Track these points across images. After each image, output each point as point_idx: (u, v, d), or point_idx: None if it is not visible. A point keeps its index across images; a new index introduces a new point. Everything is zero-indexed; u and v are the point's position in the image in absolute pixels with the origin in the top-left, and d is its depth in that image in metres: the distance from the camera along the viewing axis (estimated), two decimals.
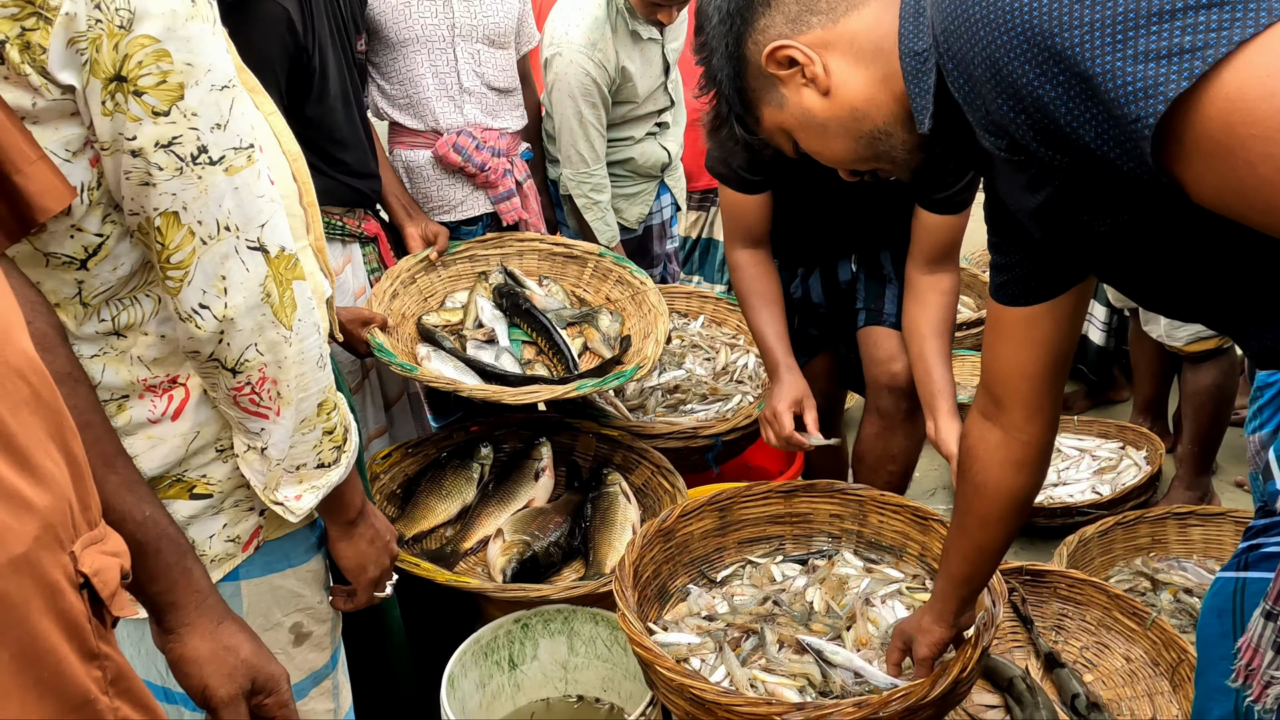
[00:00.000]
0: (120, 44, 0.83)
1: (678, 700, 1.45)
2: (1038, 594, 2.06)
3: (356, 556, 1.13)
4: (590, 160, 2.62)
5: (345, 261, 2.17)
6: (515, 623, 1.84)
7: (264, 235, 0.93)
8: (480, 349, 2.18)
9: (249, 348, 0.94)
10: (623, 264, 2.41)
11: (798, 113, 1.03)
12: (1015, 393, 1.14)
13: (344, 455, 1.05)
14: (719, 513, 1.90)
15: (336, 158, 2.00)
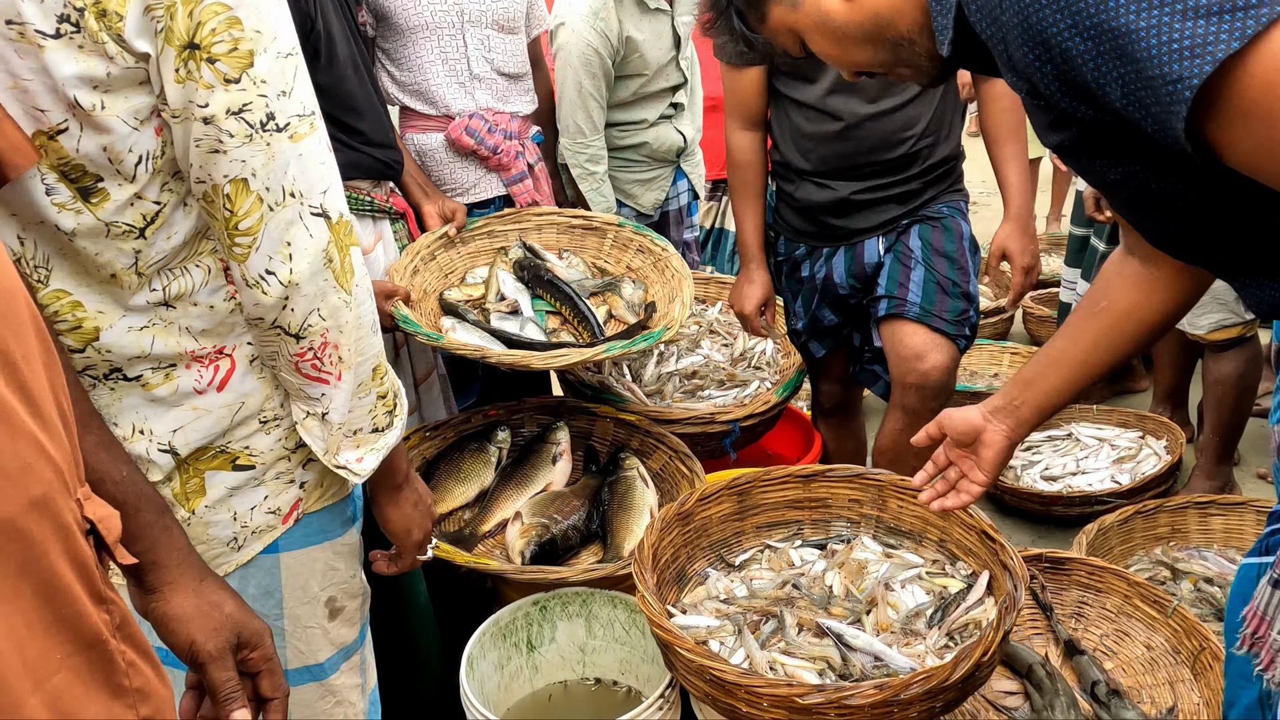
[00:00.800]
0: (194, 11, 0.84)
1: (697, 682, 1.45)
2: (1057, 582, 2.05)
3: (403, 519, 1.14)
4: (588, 130, 2.63)
5: (377, 239, 2.18)
6: (534, 605, 1.84)
7: (325, 201, 0.94)
8: (504, 320, 2.19)
9: (312, 313, 0.95)
10: (643, 232, 2.40)
11: (814, 14, 0.99)
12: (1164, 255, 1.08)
13: (396, 419, 1.06)
14: (737, 497, 1.90)
15: (354, 127, 2.01)
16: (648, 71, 2.67)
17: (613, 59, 2.60)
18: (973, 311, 2.11)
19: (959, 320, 2.08)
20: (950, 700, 1.40)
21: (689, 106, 2.89)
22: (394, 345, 2.21)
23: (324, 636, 1.13)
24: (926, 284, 2.07)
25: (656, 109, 2.77)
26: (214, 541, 1.05)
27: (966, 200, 2.22)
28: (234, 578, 1.07)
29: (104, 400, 1.01)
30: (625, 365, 2.57)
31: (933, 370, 2.05)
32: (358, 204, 2.10)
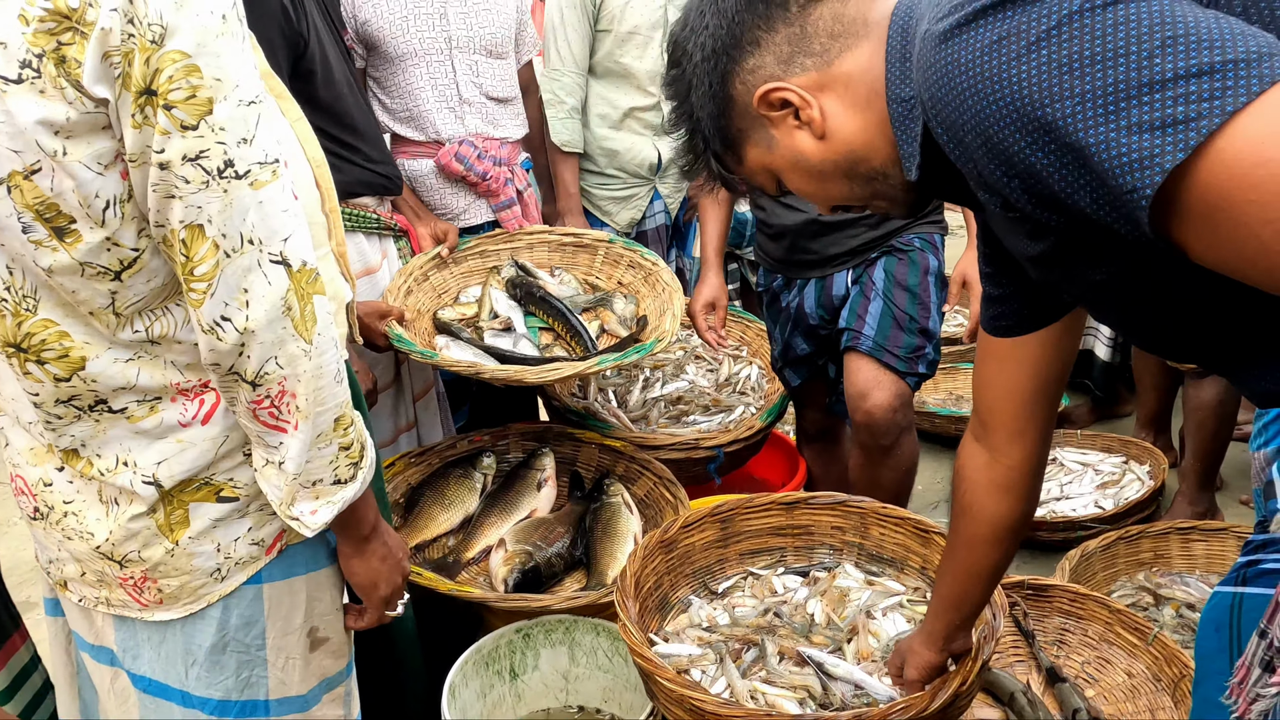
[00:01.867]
0: (152, 58, 0.85)
1: (678, 711, 1.45)
2: (1040, 608, 2.05)
3: (368, 573, 1.13)
4: (566, 60, 2.62)
5: (383, 257, 2.21)
6: (517, 632, 1.84)
7: (286, 249, 0.94)
8: (498, 337, 2.20)
9: (269, 360, 0.95)
10: (633, 248, 2.42)
11: (789, 155, 1.01)
12: (1000, 414, 1.15)
13: (360, 472, 1.05)
14: (720, 524, 1.90)
15: (355, 145, 2.05)
16: (619, 27, 2.60)
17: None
18: (929, 348, 2.11)
19: (912, 356, 2.08)
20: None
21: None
22: (395, 364, 2.23)
23: (306, 668, 1.13)
24: (883, 318, 2.08)
25: (634, 98, 2.68)
26: (197, 572, 1.06)
27: (943, 233, 2.23)
28: (217, 608, 1.07)
29: (87, 432, 1.01)
30: (611, 391, 2.58)
31: (875, 409, 2.05)
32: (365, 221, 2.13)
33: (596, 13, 2.61)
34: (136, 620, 1.08)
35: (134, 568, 1.05)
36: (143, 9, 0.84)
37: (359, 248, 2.15)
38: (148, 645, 1.09)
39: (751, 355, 2.75)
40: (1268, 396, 0.86)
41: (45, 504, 1.06)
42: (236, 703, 1.10)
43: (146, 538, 1.03)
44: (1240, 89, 0.62)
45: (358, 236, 2.14)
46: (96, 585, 1.08)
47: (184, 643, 1.08)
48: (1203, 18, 0.65)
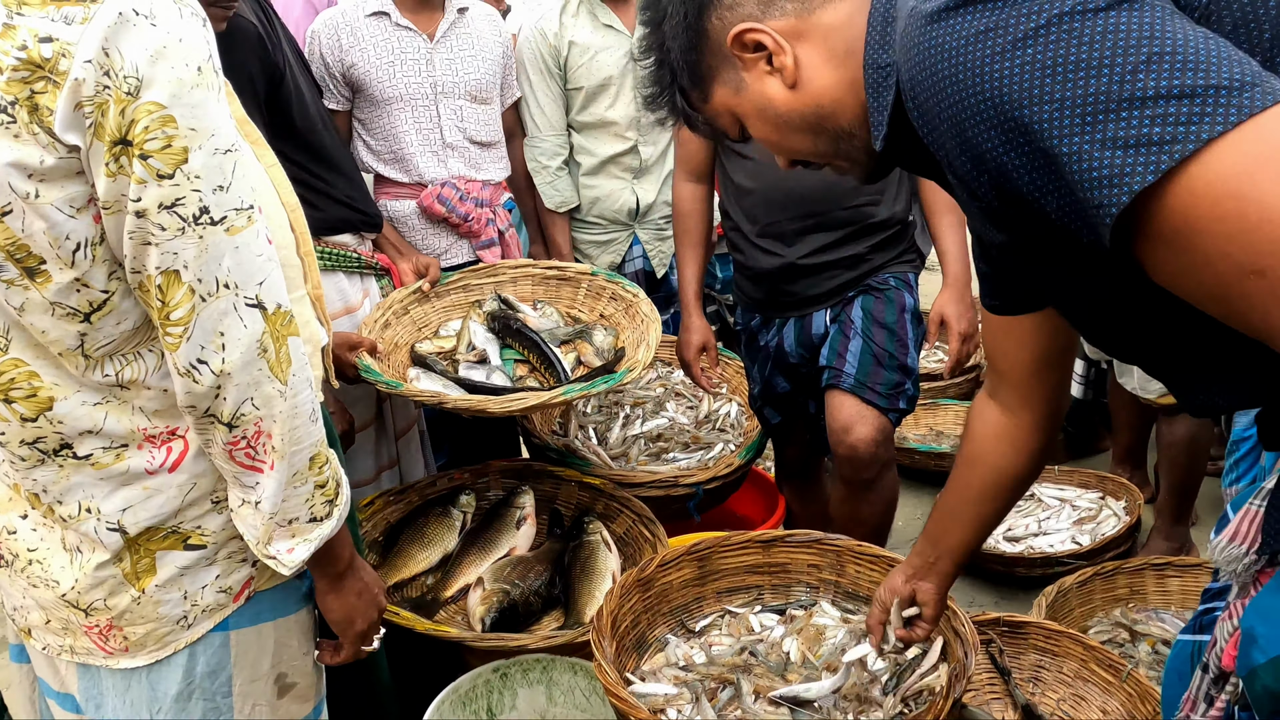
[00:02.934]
0: (127, 110, 0.87)
1: None
2: (1015, 645, 2.06)
3: (344, 609, 1.14)
4: (542, 126, 2.68)
5: (364, 295, 2.23)
6: (494, 672, 1.84)
7: (262, 293, 0.96)
8: (471, 369, 2.21)
9: (245, 402, 0.96)
10: (615, 280, 2.44)
11: (757, 100, 0.98)
12: (1008, 377, 1.17)
13: (335, 509, 1.06)
14: (698, 562, 1.91)
15: (333, 183, 2.07)
16: (588, 82, 2.65)
17: (555, 59, 2.64)
18: (909, 384, 2.15)
19: (893, 393, 2.11)
20: None
21: (653, 172, 2.83)
22: (376, 402, 2.24)
23: (273, 713, 1.13)
24: (863, 355, 2.11)
25: (613, 145, 2.72)
26: (164, 620, 1.06)
27: (917, 271, 2.27)
28: (183, 655, 1.07)
29: (50, 477, 1.02)
30: (591, 428, 2.60)
31: (858, 443, 2.08)
32: (345, 261, 2.15)
33: (563, 74, 2.67)
34: (101, 668, 1.08)
35: (99, 616, 1.05)
36: (118, 61, 0.86)
37: (339, 286, 2.16)
38: (112, 693, 1.09)
39: (731, 393, 2.77)
40: (1203, 408, 0.87)
41: (10, 551, 1.07)
42: None
43: (113, 586, 1.04)
44: (1219, 116, 0.61)
45: (338, 275, 2.16)
46: (61, 633, 1.08)
47: (149, 690, 1.08)
48: (1191, 37, 0.64)
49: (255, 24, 1.87)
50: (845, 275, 2.18)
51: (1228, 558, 0.90)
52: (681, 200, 2.36)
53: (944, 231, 2.17)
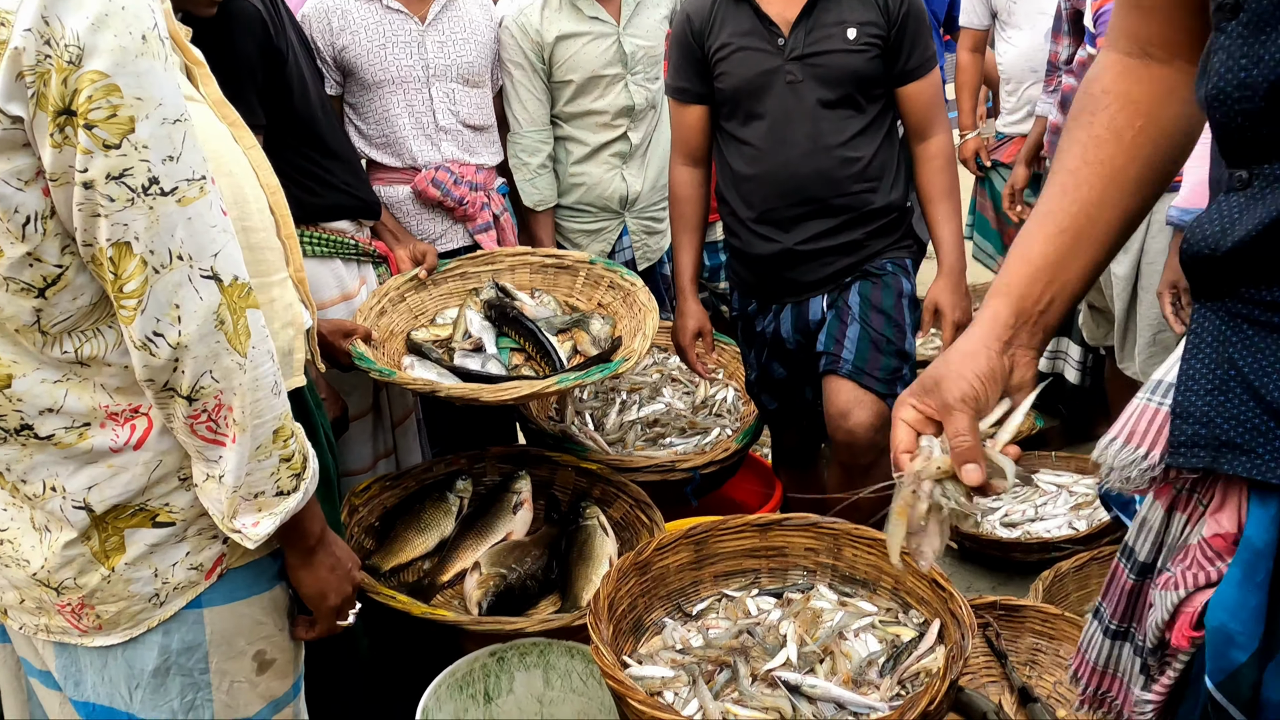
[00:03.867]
0: (69, 79, 0.86)
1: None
2: (1012, 629, 2.07)
3: (316, 584, 1.14)
4: (524, 121, 2.61)
5: (361, 283, 2.22)
6: (491, 656, 1.84)
7: (217, 264, 0.95)
8: (467, 358, 2.20)
9: (204, 374, 0.96)
10: (613, 269, 2.43)
11: None
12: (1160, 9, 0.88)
13: (303, 483, 1.06)
14: (694, 546, 1.91)
15: (331, 169, 2.06)
16: (575, 76, 2.61)
17: (538, 54, 2.59)
18: (907, 369, 2.14)
19: (891, 378, 2.11)
20: None
21: (645, 159, 2.80)
22: (373, 390, 2.23)
23: (253, 690, 1.13)
24: (861, 341, 2.10)
25: (602, 134, 2.69)
26: (135, 598, 1.06)
27: (915, 258, 2.27)
28: (157, 632, 1.07)
29: (12, 455, 1.01)
30: (588, 414, 2.59)
31: (857, 428, 2.07)
32: (342, 247, 2.14)
33: (548, 69, 2.63)
34: (77, 646, 1.08)
35: (70, 594, 1.05)
36: (59, 30, 0.85)
37: (335, 273, 2.15)
38: (90, 670, 1.09)
39: (727, 378, 2.77)
40: None
41: None
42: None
43: (82, 564, 1.04)
44: None
45: (334, 262, 2.15)
46: (35, 612, 1.08)
47: (126, 667, 1.08)
48: None
49: (259, 7, 1.86)
50: (843, 261, 2.17)
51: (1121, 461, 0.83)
52: (679, 185, 2.35)
53: (940, 219, 2.16)
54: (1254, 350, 0.72)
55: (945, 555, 2.85)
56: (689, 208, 2.34)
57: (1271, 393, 0.71)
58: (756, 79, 2.10)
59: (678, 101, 2.27)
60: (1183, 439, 0.76)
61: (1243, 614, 0.72)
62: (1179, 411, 0.77)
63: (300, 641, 1.23)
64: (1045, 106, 3.20)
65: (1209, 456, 0.74)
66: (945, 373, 0.89)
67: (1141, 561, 0.87)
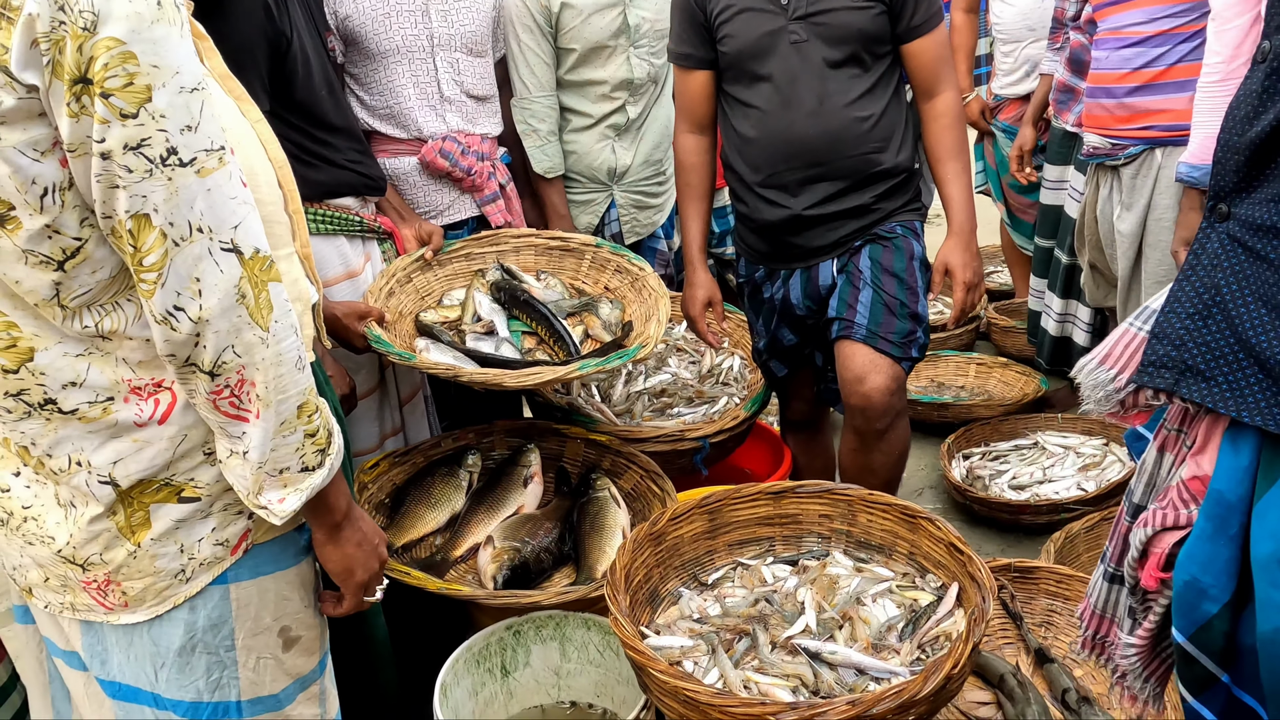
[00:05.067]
0: (84, 46, 0.83)
1: (671, 703, 1.45)
2: (1026, 590, 2.07)
3: (343, 560, 1.13)
4: (532, 87, 2.57)
5: (365, 259, 2.19)
6: (507, 630, 1.84)
7: (237, 236, 0.93)
8: (479, 340, 2.19)
9: (225, 349, 0.94)
10: (620, 252, 2.41)
11: None
12: None
13: (328, 458, 1.05)
14: (708, 515, 1.90)
15: (334, 145, 2.03)
16: (578, 45, 2.57)
17: (546, 18, 2.54)
18: (920, 332, 2.12)
19: (905, 341, 2.09)
20: (922, 713, 1.41)
21: (641, 133, 2.75)
22: (379, 368, 2.22)
23: (279, 667, 1.12)
24: (874, 305, 2.08)
25: (600, 106, 2.65)
26: (162, 574, 1.05)
27: (922, 219, 2.24)
28: (183, 609, 1.06)
29: (37, 430, 1.00)
30: (594, 386, 2.58)
31: (873, 392, 2.05)
32: (347, 224, 2.11)
33: (555, 33, 2.58)
34: (103, 624, 1.07)
35: (96, 570, 1.04)
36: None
37: (340, 250, 2.12)
38: (116, 649, 1.08)
39: (733, 346, 2.75)
40: None
41: (4, 510, 1.05)
42: (209, 704, 1.09)
43: (108, 540, 1.03)
44: None
45: (339, 239, 2.12)
46: (60, 590, 1.07)
47: (151, 645, 1.07)
48: None
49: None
50: (851, 225, 2.14)
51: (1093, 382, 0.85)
52: (684, 153, 2.32)
53: (949, 178, 2.13)
54: (1241, 278, 0.72)
55: (952, 520, 2.86)
56: (695, 176, 2.31)
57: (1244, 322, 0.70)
58: (760, 40, 2.06)
59: (681, 68, 2.24)
60: (1153, 359, 0.76)
61: (1214, 567, 0.73)
62: (1156, 332, 0.77)
63: (325, 619, 1.22)
64: (1051, 64, 3.16)
65: (1173, 379, 0.75)
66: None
67: (1135, 503, 0.88)
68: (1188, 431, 0.81)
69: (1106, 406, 0.86)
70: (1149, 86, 2.33)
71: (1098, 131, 2.50)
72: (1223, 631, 0.73)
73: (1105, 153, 2.49)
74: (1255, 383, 0.69)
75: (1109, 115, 2.44)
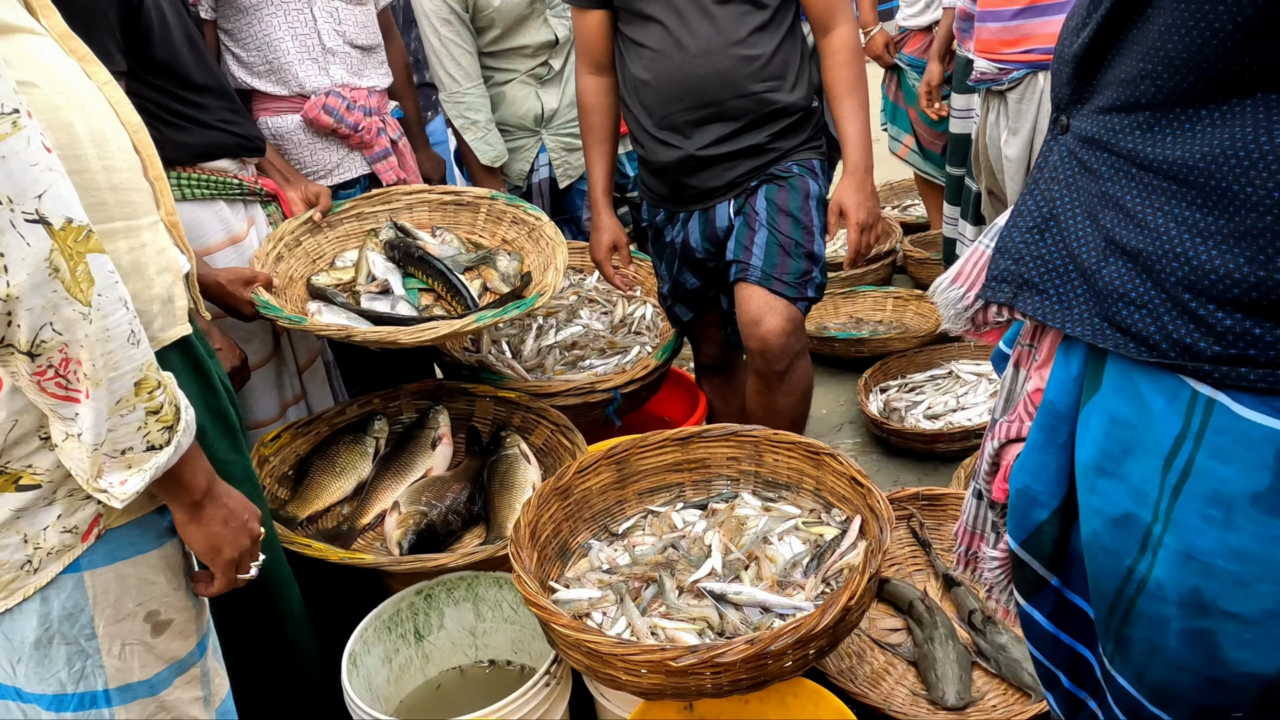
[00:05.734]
0: None
1: (577, 655, 1.45)
2: (935, 517, 2.11)
3: (208, 539, 1.08)
4: (461, 79, 2.56)
5: (250, 224, 2.10)
6: (418, 594, 1.81)
7: (43, 206, 0.87)
8: (374, 300, 2.13)
9: (43, 327, 0.88)
10: (516, 203, 2.36)
11: None
12: None
13: (175, 435, 1.00)
14: (616, 466, 1.89)
15: (202, 104, 1.93)
16: (498, 22, 2.56)
17: (463, 4, 2.53)
18: (816, 271, 2.11)
19: (800, 282, 2.08)
20: (823, 646, 1.43)
21: (562, 78, 2.77)
22: (273, 336, 2.14)
23: (149, 652, 1.08)
24: (769, 246, 2.07)
25: (524, 63, 2.66)
26: (6, 566, 0.99)
27: (823, 159, 2.22)
28: (34, 601, 1.01)
29: None
30: (504, 342, 2.54)
31: (769, 334, 2.05)
32: (225, 188, 2.02)
33: (472, 17, 2.55)
34: None
35: None
36: None
37: (220, 215, 2.03)
38: None
39: (646, 295, 2.73)
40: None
41: None
42: (73, 695, 1.05)
43: None
44: None
45: (218, 204, 2.03)
46: None
47: (4, 640, 1.03)
48: None
49: None
50: (746, 165, 2.12)
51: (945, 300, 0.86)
52: (585, 94, 2.27)
53: (845, 116, 2.11)
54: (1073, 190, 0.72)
55: (871, 453, 2.90)
56: (597, 117, 2.26)
57: (1072, 235, 0.71)
58: None
59: (577, 8, 2.18)
60: (995, 274, 0.77)
61: (1045, 475, 0.74)
62: (1000, 246, 0.77)
63: (202, 602, 1.18)
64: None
65: (1011, 293, 0.75)
66: None
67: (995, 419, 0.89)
68: (1037, 346, 0.81)
69: (960, 324, 0.86)
70: (1032, 9, 2.33)
71: (986, 56, 2.50)
72: (1052, 537, 0.75)
73: (991, 77, 2.49)
74: (1080, 295, 0.69)
75: (996, 39, 2.44)
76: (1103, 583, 0.70)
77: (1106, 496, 0.67)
